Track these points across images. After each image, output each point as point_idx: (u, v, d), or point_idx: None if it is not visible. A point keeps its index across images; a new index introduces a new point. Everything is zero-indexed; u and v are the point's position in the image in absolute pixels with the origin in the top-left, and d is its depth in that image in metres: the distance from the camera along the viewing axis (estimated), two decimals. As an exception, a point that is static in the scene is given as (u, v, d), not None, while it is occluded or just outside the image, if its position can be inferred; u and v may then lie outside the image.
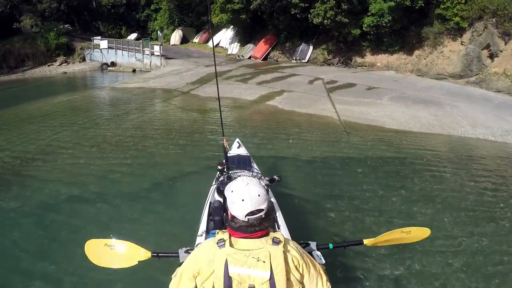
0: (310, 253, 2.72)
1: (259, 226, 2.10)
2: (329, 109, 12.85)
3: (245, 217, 2.08)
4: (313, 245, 2.97)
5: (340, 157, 8.56)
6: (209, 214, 3.90)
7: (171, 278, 2.29)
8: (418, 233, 3.17)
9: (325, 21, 20.78)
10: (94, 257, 3.15)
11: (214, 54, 5.73)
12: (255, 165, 5.37)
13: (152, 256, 3.06)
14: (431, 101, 13.63)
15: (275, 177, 3.94)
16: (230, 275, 2.00)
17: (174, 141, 9.59)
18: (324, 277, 2.26)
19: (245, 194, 2.09)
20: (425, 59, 19.77)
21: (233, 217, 2.15)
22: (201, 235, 3.61)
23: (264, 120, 11.65)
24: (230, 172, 4.47)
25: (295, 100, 14.04)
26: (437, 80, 17.96)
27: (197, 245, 3.03)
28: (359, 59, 22.67)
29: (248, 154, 5.82)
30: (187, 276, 2.16)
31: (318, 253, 2.94)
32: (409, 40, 20.58)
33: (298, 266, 2.11)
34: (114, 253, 3.11)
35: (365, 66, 22.26)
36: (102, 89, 19.20)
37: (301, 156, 8.42)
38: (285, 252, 2.07)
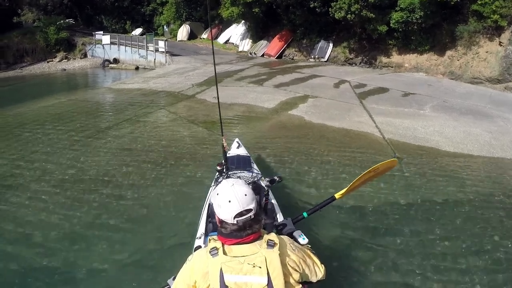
0: (291, 233, 2.66)
1: (250, 228, 2.04)
2: (367, 122, 10.60)
3: (234, 219, 2.02)
4: (289, 222, 2.84)
5: (398, 203, 6.26)
6: (208, 216, 3.86)
7: None
8: (386, 165, 3.43)
9: (349, 15, 18.69)
10: None
11: (213, 49, 5.38)
12: (255, 166, 5.32)
13: None
14: (478, 112, 11.79)
15: (275, 177, 3.95)
16: (226, 284, 1.94)
17: (167, 182, 6.84)
18: (318, 261, 2.27)
19: (231, 195, 2.05)
20: (458, 60, 17.74)
21: (222, 221, 2.09)
22: (200, 238, 3.57)
23: (290, 138, 9.27)
24: (229, 173, 4.34)
25: (324, 109, 11.83)
26: (473, 85, 16.13)
27: (195, 248, 2.93)
28: (384, 59, 20.58)
29: (248, 154, 5.81)
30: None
31: (300, 232, 2.72)
32: (441, 39, 18.46)
33: (295, 267, 2.06)
34: None
35: (392, 67, 20.17)
36: (97, 91, 16.86)
37: (346, 203, 6.13)
38: (282, 254, 2.01)
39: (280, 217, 3.86)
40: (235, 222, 2.03)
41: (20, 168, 7.57)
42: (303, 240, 2.66)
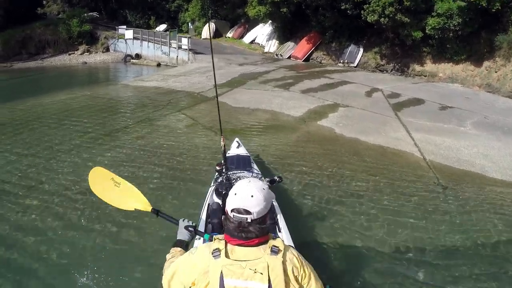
0: None
1: (246, 232, 1.96)
2: (405, 138, 9.49)
3: (231, 212, 1.99)
4: None
5: (441, 244, 5.14)
6: (207, 216, 3.81)
7: (166, 259, 2.32)
8: None
9: (382, 19, 17.56)
10: (95, 184, 3.24)
11: (211, 48, 4.84)
12: (255, 166, 5.31)
13: (151, 211, 3.01)
14: None
15: (275, 178, 3.96)
16: (225, 287, 1.89)
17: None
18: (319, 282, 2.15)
19: (240, 189, 2.02)
20: (496, 72, 16.45)
21: (226, 212, 2.06)
22: (199, 238, 3.24)
23: (319, 155, 8.18)
24: (229, 173, 4.36)
25: (356, 121, 10.76)
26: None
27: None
28: (418, 67, 19.39)
29: (248, 154, 5.77)
30: (178, 281, 2.05)
31: None
32: (479, 48, 17.21)
33: (298, 277, 2.00)
34: (116, 189, 3.13)
35: (425, 76, 18.97)
36: (113, 87, 15.99)
37: (382, 246, 5.05)
38: (285, 262, 1.95)
39: (280, 218, 3.81)
40: (232, 216, 1.99)
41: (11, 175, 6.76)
42: None
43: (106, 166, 6.68)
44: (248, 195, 1.99)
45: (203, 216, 3.88)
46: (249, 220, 1.97)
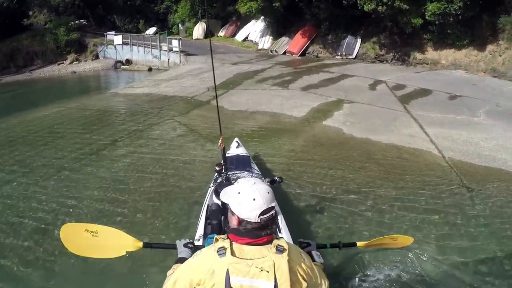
0: (310, 252, 2.60)
1: (269, 228, 2.00)
2: (419, 135, 8.74)
3: (258, 217, 1.96)
4: (313, 245, 2.84)
5: (473, 256, 4.54)
6: (207, 218, 3.74)
7: (166, 275, 2.23)
8: (402, 240, 3.19)
9: (380, 7, 16.84)
10: (72, 244, 2.87)
11: (211, 48, 4.65)
12: (255, 166, 5.24)
13: (143, 246, 2.89)
14: None
15: (276, 178, 3.91)
16: (232, 286, 1.86)
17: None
18: (327, 282, 2.20)
19: (256, 193, 1.99)
20: (500, 56, 15.89)
21: (242, 221, 2.00)
22: (199, 240, 3.43)
23: (329, 161, 7.30)
24: (228, 173, 4.28)
25: (364, 118, 10.00)
26: None
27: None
28: (419, 55, 18.73)
29: (248, 154, 5.69)
30: (182, 285, 2.01)
31: (318, 252, 2.72)
32: (481, 32, 16.59)
33: (303, 275, 2.00)
34: (95, 240, 2.84)
35: (427, 64, 18.32)
36: (101, 96, 14.97)
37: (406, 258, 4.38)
38: (290, 260, 1.94)
39: (281, 219, 3.75)
40: (259, 220, 1.95)
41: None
42: (319, 258, 2.61)
43: (91, 192, 5.95)
44: (265, 193, 2.00)
45: (203, 217, 3.84)
46: (274, 214, 2.03)
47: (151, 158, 7.60)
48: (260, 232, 1.97)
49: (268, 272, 1.87)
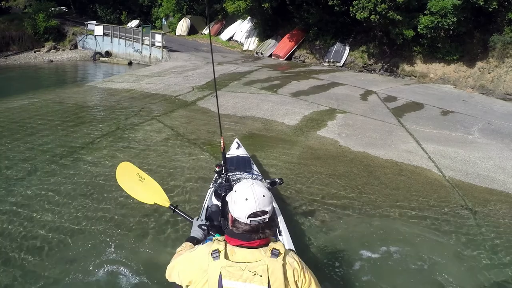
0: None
1: (262, 233, 1.96)
2: (417, 151, 8.40)
3: (248, 218, 1.93)
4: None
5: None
6: (206, 219, 3.51)
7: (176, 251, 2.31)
8: None
9: (373, 16, 16.54)
10: (121, 176, 3.46)
11: (211, 48, 4.27)
12: (255, 167, 5.23)
13: (169, 206, 3.17)
14: None
15: (276, 179, 3.87)
16: None
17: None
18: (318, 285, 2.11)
19: (249, 193, 1.97)
20: (489, 73, 15.82)
21: (235, 220, 2.00)
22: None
23: (330, 178, 6.78)
24: (228, 174, 4.08)
25: (359, 130, 9.58)
26: (508, 102, 14.31)
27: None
28: (407, 67, 18.59)
29: (248, 155, 5.65)
30: (176, 274, 2.07)
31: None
32: (471, 48, 16.57)
33: (297, 281, 1.95)
34: (140, 184, 3.33)
35: (415, 77, 18.18)
36: (78, 89, 13.92)
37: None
38: (285, 265, 1.91)
39: (281, 221, 3.79)
40: (248, 222, 1.93)
41: None
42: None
43: (59, 203, 5.24)
44: (259, 196, 1.96)
45: (202, 218, 3.58)
46: (266, 220, 1.96)
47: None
48: (250, 235, 1.93)
49: (261, 276, 1.84)
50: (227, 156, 4.71)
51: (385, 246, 4.80)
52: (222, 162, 4.23)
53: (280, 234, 3.57)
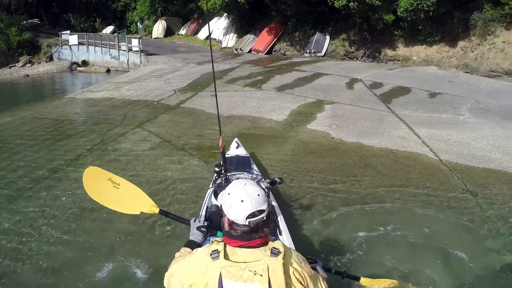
0: (315, 268, 2.40)
1: (261, 231, 1.92)
2: (410, 137, 8.27)
3: (246, 219, 1.89)
4: (319, 263, 2.59)
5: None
6: (206, 219, 3.57)
7: (175, 257, 2.25)
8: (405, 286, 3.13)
9: (351, 3, 16.38)
10: (92, 188, 2.94)
11: (211, 48, 4.60)
12: (255, 167, 5.15)
13: (159, 212, 2.87)
14: None
15: (276, 179, 3.76)
16: None
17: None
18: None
19: (244, 195, 1.92)
20: (472, 52, 15.89)
21: (232, 223, 1.95)
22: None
23: (326, 173, 6.55)
24: (228, 174, 4.13)
25: (350, 120, 9.40)
26: (493, 79, 14.40)
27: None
28: (390, 52, 18.55)
29: (248, 155, 5.57)
30: (176, 280, 1.98)
31: (322, 269, 2.53)
32: (452, 28, 16.62)
33: (299, 279, 1.91)
34: (115, 191, 2.90)
35: (398, 61, 18.16)
36: (57, 102, 13.29)
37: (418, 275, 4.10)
38: (285, 264, 1.87)
39: (281, 220, 3.70)
40: (247, 223, 1.89)
41: None
42: (323, 273, 2.47)
43: (46, 226, 4.86)
44: (255, 195, 1.92)
45: (202, 219, 3.69)
46: (264, 218, 1.93)
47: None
48: (250, 235, 1.90)
49: (261, 275, 1.81)
50: (226, 156, 4.70)
51: (390, 238, 4.72)
52: (221, 162, 4.22)
53: (280, 234, 3.52)
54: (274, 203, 4.01)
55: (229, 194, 1.98)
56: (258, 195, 1.93)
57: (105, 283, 3.96)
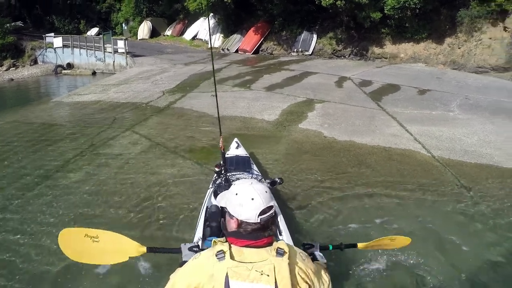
0: (313, 253, 2.58)
1: (270, 229, 1.95)
2: (402, 134, 8.34)
3: (258, 217, 1.91)
4: (316, 246, 2.75)
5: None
6: (206, 220, 3.63)
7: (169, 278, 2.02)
8: (401, 240, 3.14)
9: (338, 2, 16.37)
10: (71, 250, 2.72)
11: (211, 49, 5.05)
12: (254, 167, 5.17)
13: (147, 251, 2.74)
14: (508, 110, 10.29)
15: (276, 179, 3.86)
16: None
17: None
18: (329, 282, 2.14)
19: (254, 193, 1.94)
20: (459, 48, 16.05)
21: (242, 222, 1.94)
22: (198, 242, 3.28)
23: (321, 172, 6.53)
24: (228, 174, 4.18)
25: (341, 119, 9.41)
26: (481, 75, 14.65)
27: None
28: (377, 50, 18.67)
29: (247, 155, 5.59)
30: None
31: (320, 254, 2.62)
32: (439, 25, 16.78)
33: (305, 278, 1.93)
34: (95, 246, 2.69)
35: (385, 58, 18.28)
36: (45, 106, 13.01)
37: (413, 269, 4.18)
38: (291, 264, 1.88)
39: (281, 220, 3.65)
40: (259, 220, 1.90)
41: None
42: (322, 259, 2.54)
43: (34, 242, 4.66)
44: (263, 192, 1.95)
45: (201, 219, 3.73)
46: (273, 214, 1.98)
47: (111, 188, 6.10)
48: (260, 233, 1.91)
49: (268, 276, 1.81)
50: (226, 156, 4.71)
51: (387, 232, 4.62)
52: (221, 162, 4.28)
53: (280, 234, 3.52)
54: (274, 202, 3.88)
55: (237, 194, 1.97)
56: (266, 192, 1.97)
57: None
